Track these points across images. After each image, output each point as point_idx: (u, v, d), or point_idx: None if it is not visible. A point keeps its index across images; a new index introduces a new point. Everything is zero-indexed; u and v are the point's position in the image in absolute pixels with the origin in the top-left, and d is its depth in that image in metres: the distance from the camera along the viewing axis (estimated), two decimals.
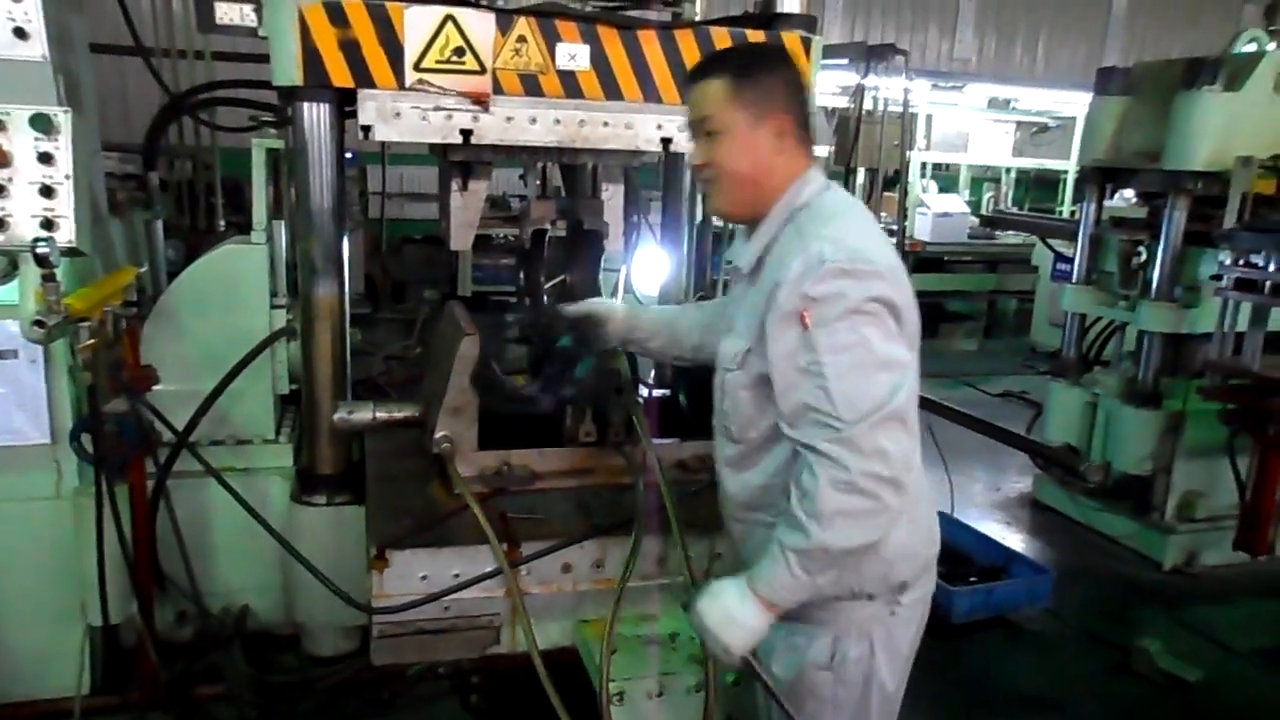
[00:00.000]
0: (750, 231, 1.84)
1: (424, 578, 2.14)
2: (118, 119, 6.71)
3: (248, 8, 2.59)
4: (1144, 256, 4.73)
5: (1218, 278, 4.07)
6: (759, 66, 1.76)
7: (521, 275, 3.08)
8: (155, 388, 2.77)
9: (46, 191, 2.28)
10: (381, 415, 2.62)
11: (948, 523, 2.49)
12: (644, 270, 4.36)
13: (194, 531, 3.06)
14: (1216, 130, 4.25)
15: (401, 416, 2.63)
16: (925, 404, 3.93)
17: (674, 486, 2.25)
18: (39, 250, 2.14)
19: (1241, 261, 3.96)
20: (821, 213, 1.73)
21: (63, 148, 2.30)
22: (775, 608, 1.65)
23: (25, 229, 2.28)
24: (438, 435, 2.39)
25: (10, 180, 2.27)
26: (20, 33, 2.40)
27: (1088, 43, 12.99)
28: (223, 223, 5.22)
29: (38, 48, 2.43)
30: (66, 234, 2.32)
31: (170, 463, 2.87)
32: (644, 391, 2.98)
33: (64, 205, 2.31)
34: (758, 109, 1.72)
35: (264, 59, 2.59)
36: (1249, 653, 3.83)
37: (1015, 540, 4.82)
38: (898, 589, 1.80)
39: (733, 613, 1.65)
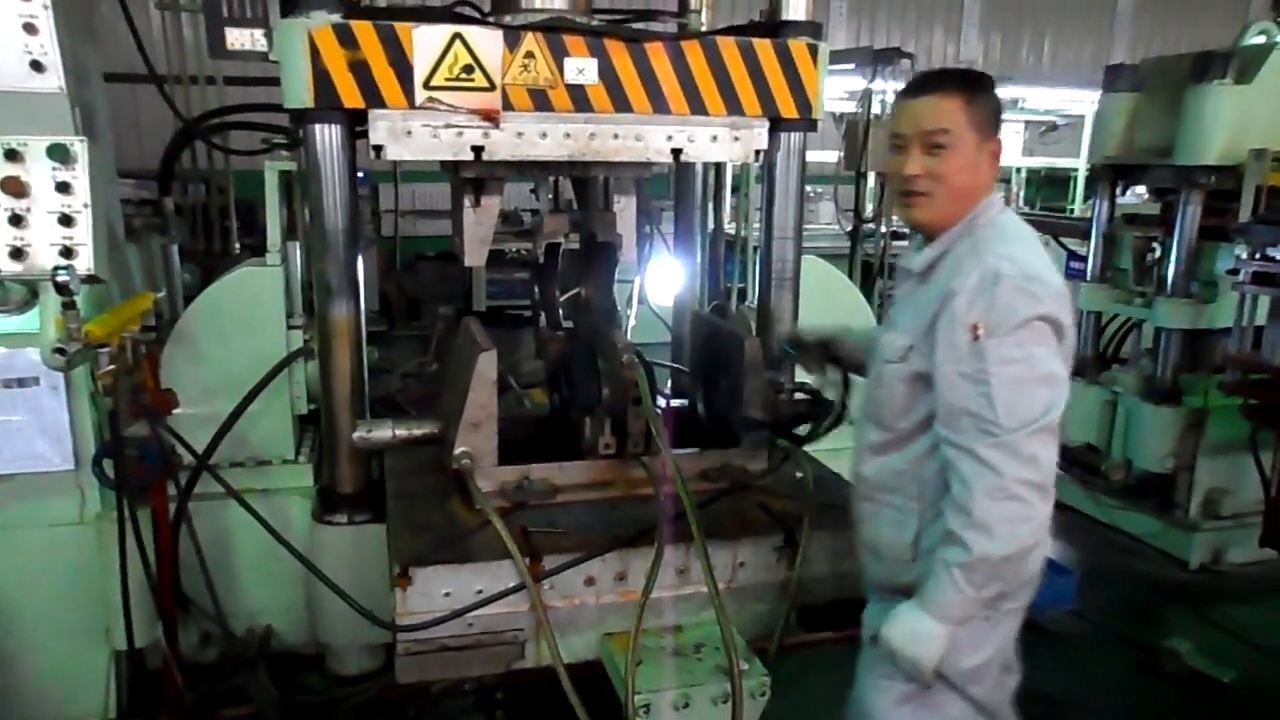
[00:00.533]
0: (924, 240, 1.99)
1: (447, 594, 2.14)
2: (132, 145, 6.77)
3: (258, 33, 2.62)
4: (1158, 253, 4.70)
5: (1234, 272, 4.03)
6: (985, 90, 1.90)
7: (536, 289, 3.09)
8: (175, 411, 2.79)
9: (65, 220, 2.31)
10: (401, 433, 2.63)
11: None
12: (658, 281, 4.37)
13: (216, 553, 3.07)
14: (1228, 124, 4.22)
15: (420, 433, 2.64)
16: None
17: (695, 496, 2.25)
18: (59, 279, 2.17)
19: (1258, 255, 3.92)
20: (1001, 232, 1.88)
21: (80, 177, 2.33)
22: (948, 621, 1.79)
23: (45, 258, 2.31)
24: (457, 451, 2.39)
25: (29, 210, 2.30)
26: (37, 65, 2.44)
27: (1094, 40, 12.96)
28: (238, 246, 5.27)
29: (54, 80, 2.47)
30: (85, 262, 2.34)
31: (191, 485, 2.89)
32: (662, 402, 2.98)
33: (83, 233, 2.33)
34: (986, 130, 1.89)
35: (275, 82, 2.61)
36: None
37: None
38: (1000, 595, 1.84)
39: (915, 630, 1.81)
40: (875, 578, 2.10)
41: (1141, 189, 6.07)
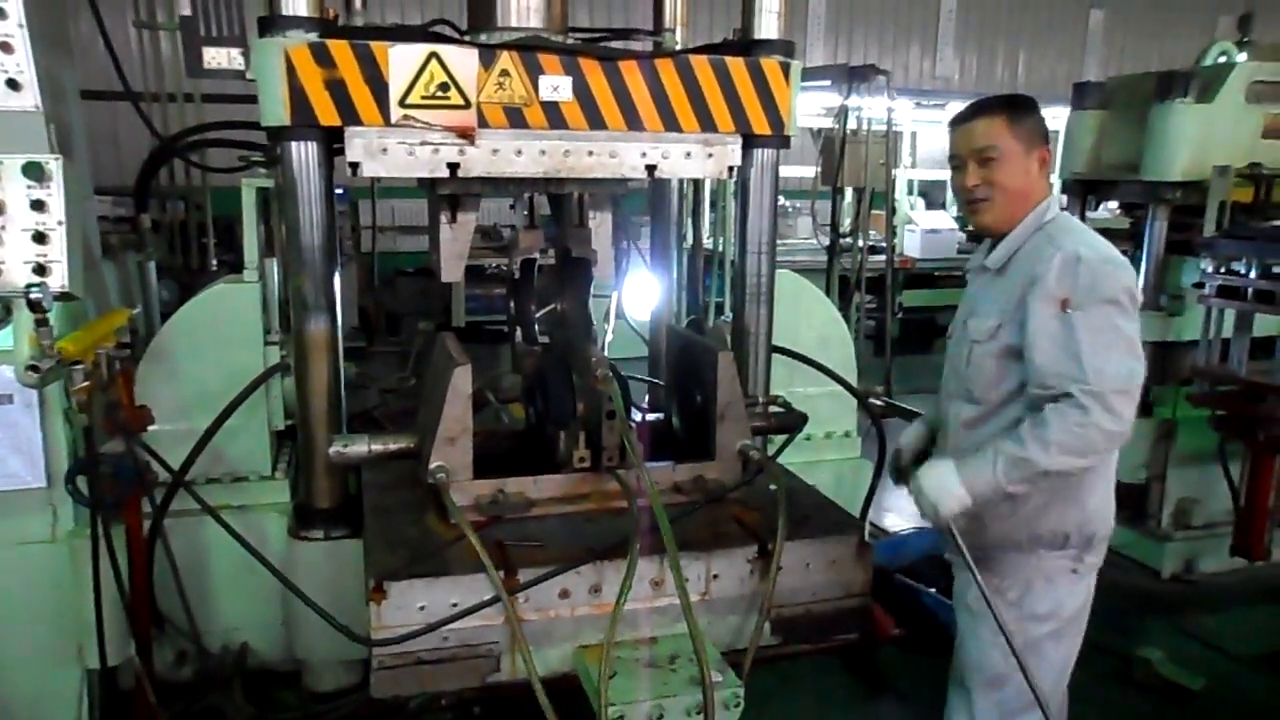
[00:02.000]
0: (995, 241, 2.31)
1: (422, 608, 2.15)
2: (110, 162, 6.76)
3: (235, 51, 2.64)
4: None
5: (1200, 285, 4.11)
6: (1025, 108, 2.26)
7: (512, 304, 3.12)
8: (151, 428, 2.79)
9: (39, 238, 2.32)
10: (376, 448, 2.63)
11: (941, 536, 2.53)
12: (634, 296, 4.40)
13: (192, 571, 3.06)
14: (1192, 141, 4.32)
15: (396, 448, 2.64)
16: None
17: (668, 509, 2.27)
18: (32, 296, 2.17)
19: (1223, 269, 4.00)
20: (1069, 226, 2.22)
21: (55, 194, 2.33)
22: (970, 490, 2.10)
23: (18, 275, 2.31)
24: (433, 465, 2.41)
25: (3, 228, 2.30)
26: (13, 84, 2.45)
27: (1067, 57, 13.19)
28: (215, 262, 5.26)
29: (30, 98, 2.48)
30: (59, 279, 2.34)
31: (167, 502, 2.88)
32: (636, 415, 3.00)
33: (57, 251, 2.34)
34: (1031, 141, 2.22)
35: (251, 100, 2.63)
36: (1251, 659, 3.83)
37: None
38: (1087, 542, 2.21)
39: (945, 482, 2.13)
40: (965, 536, 2.22)
41: (1112, 204, 6.19)
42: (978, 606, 2.24)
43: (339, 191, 3.10)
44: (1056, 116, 9.29)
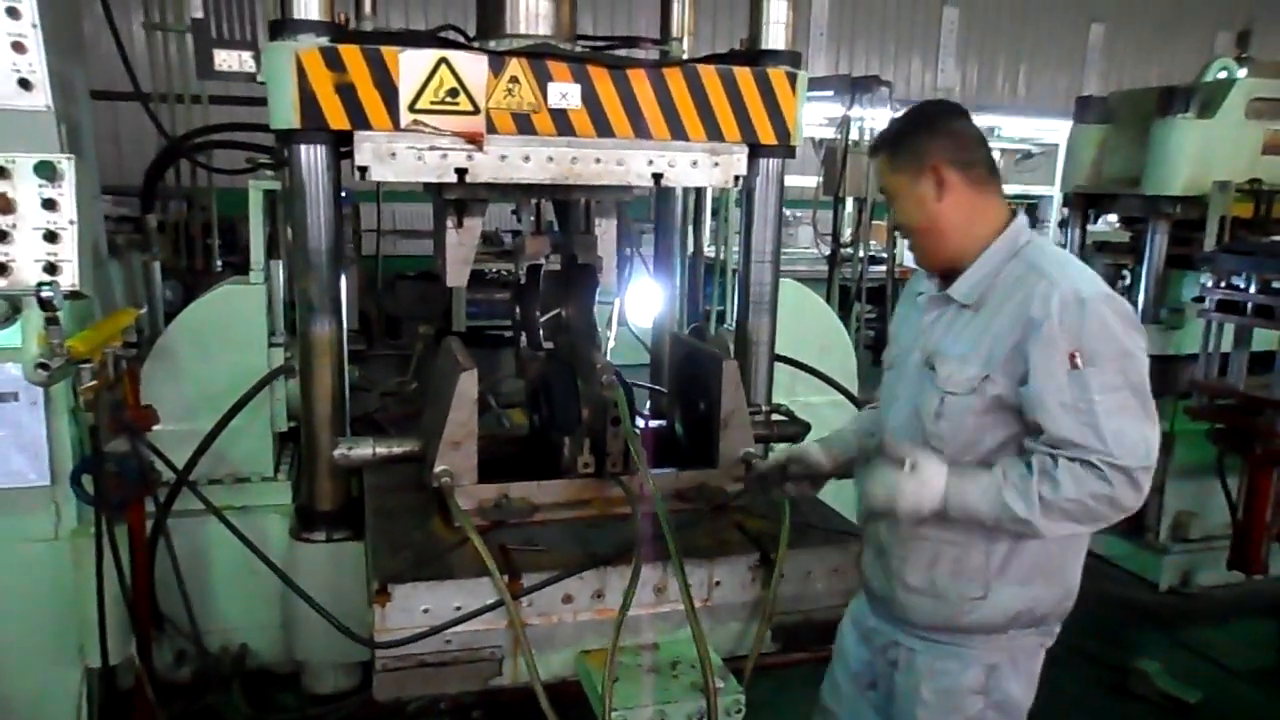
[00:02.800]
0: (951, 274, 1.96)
1: (425, 611, 2.16)
2: (111, 162, 6.76)
3: (246, 54, 2.66)
4: (1128, 280, 4.81)
5: (1200, 300, 4.14)
6: (906, 129, 1.96)
7: (517, 310, 3.13)
8: (155, 427, 2.79)
9: (50, 237, 2.33)
10: (381, 450, 2.64)
11: None
12: (638, 303, 4.41)
13: (193, 571, 3.06)
14: (1192, 156, 4.35)
15: (401, 452, 2.65)
16: None
17: (672, 515, 2.28)
18: (43, 294, 2.18)
19: (1223, 283, 4.03)
20: (1052, 254, 1.89)
21: (66, 194, 2.34)
22: (943, 508, 1.82)
23: (29, 274, 2.32)
24: (437, 469, 2.42)
25: (14, 226, 2.31)
26: (25, 84, 2.47)
27: (1068, 70, 13.23)
28: (219, 263, 5.26)
29: (41, 98, 2.50)
30: (69, 278, 2.36)
31: (170, 502, 2.88)
32: (640, 423, 3.01)
33: (67, 250, 2.35)
34: (913, 168, 1.91)
35: (260, 102, 2.64)
36: (1247, 673, 3.85)
37: None
38: (1061, 617, 1.97)
39: (922, 490, 1.82)
40: (929, 619, 1.98)
41: (1113, 217, 6.23)
42: (935, 699, 1.96)
43: (343, 195, 3.11)
44: (1055, 129, 9.40)
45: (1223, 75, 4.76)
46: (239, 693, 3.01)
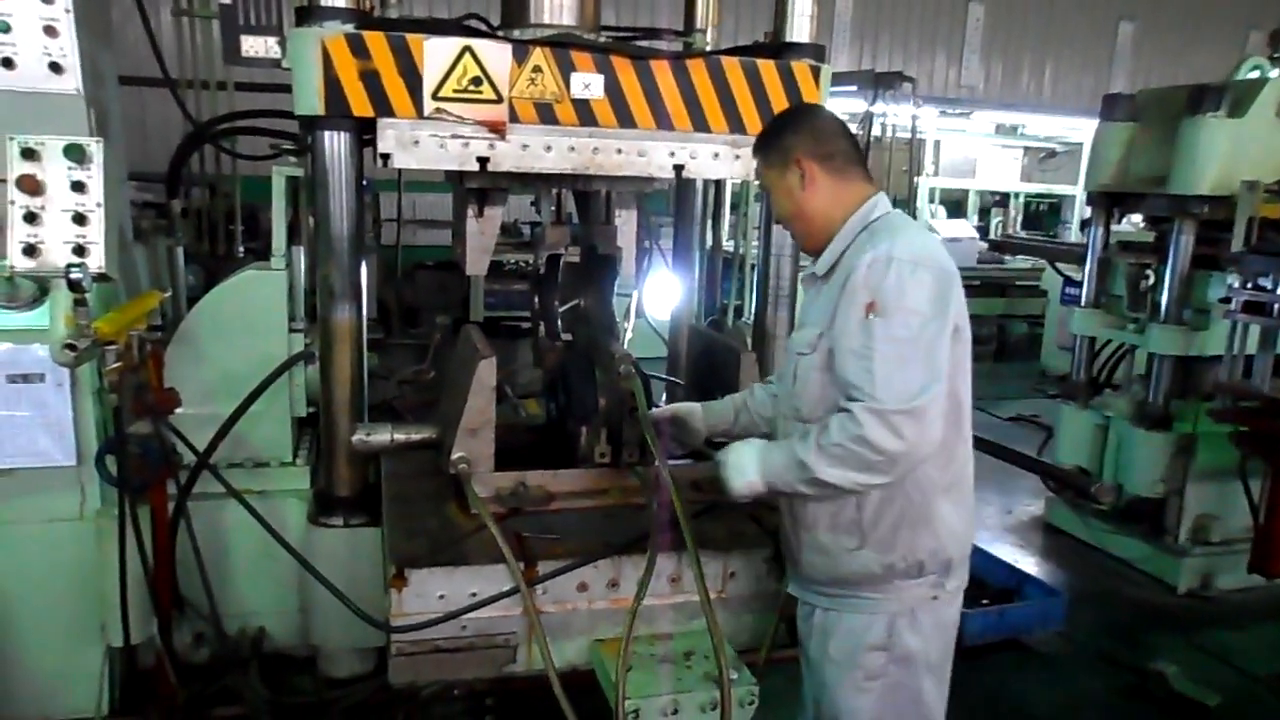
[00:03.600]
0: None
1: (441, 597, 2.17)
2: (138, 149, 6.83)
3: (272, 40, 2.67)
4: (1152, 280, 4.76)
5: (1226, 300, 4.09)
6: (772, 130, 2.16)
7: (535, 299, 3.14)
8: (176, 410, 2.82)
9: (79, 219, 2.35)
10: (399, 437, 2.66)
11: None
12: (656, 295, 4.41)
13: (211, 553, 3.07)
14: (1221, 155, 4.29)
15: (419, 438, 2.67)
16: None
17: (687, 506, 2.28)
18: (72, 276, 2.20)
19: (1249, 284, 3.98)
20: (893, 224, 2.04)
21: (94, 177, 2.37)
22: (762, 476, 2.00)
23: (57, 255, 2.35)
24: (455, 456, 2.43)
25: (43, 208, 2.34)
26: (56, 67, 2.50)
27: (1094, 69, 13.09)
28: (241, 249, 5.31)
29: (72, 81, 2.52)
30: (97, 260, 2.38)
31: (191, 484, 2.91)
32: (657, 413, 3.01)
33: (95, 232, 2.37)
34: (781, 163, 2.10)
35: (284, 89, 2.65)
36: (1267, 677, 3.81)
37: (1027, 563, 4.81)
38: (945, 567, 2.04)
39: (743, 463, 2.03)
40: (821, 573, 2.11)
41: (1137, 217, 6.16)
42: (841, 656, 2.07)
43: (363, 183, 3.13)
44: (1081, 128, 9.32)
45: (1254, 74, 4.70)
46: (256, 675, 3.04)
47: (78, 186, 2.34)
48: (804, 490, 1.95)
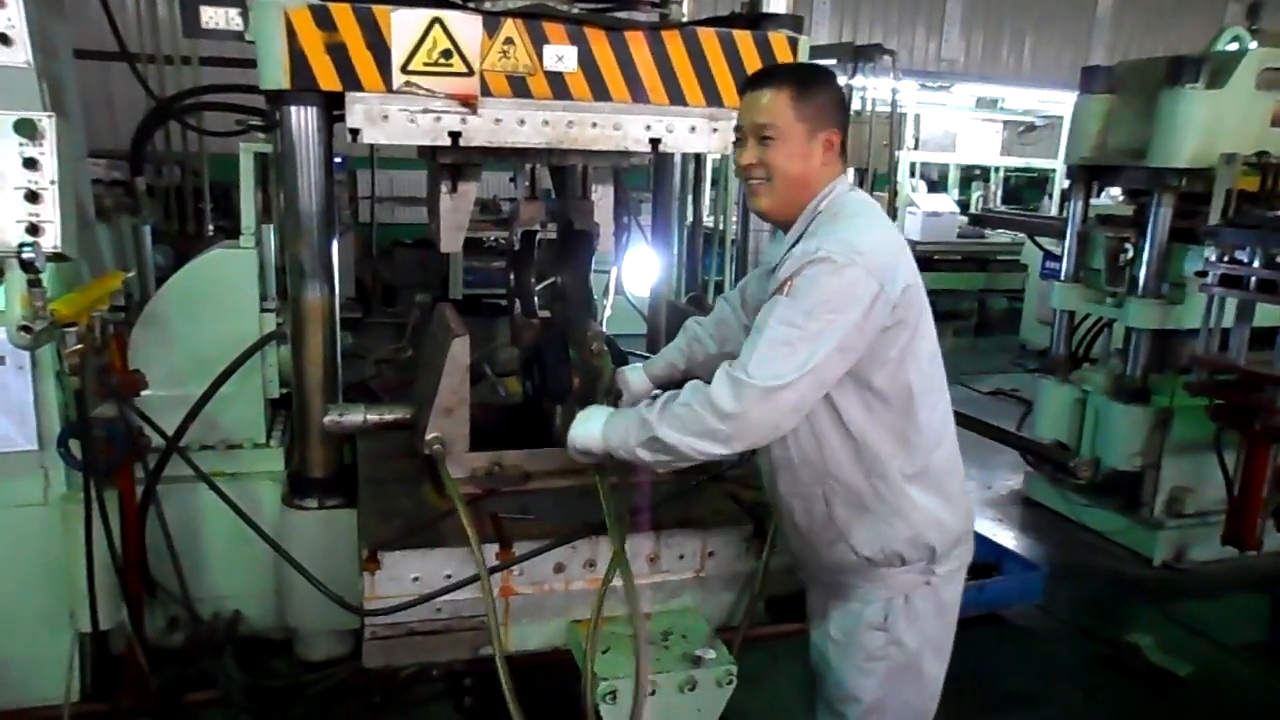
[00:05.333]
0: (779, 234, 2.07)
1: (416, 579, 2.15)
2: (105, 126, 6.67)
3: (233, 11, 2.59)
4: (1131, 254, 4.76)
5: (1203, 274, 4.09)
6: (817, 84, 1.94)
7: (511, 277, 3.09)
8: (144, 393, 2.76)
9: (32, 197, 2.29)
10: (373, 417, 2.61)
11: None
12: (635, 271, 4.37)
13: (184, 537, 3.05)
14: (1200, 128, 4.28)
15: (393, 419, 2.63)
16: None
17: (666, 485, 2.26)
18: (24, 255, 2.14)
19: (1226, 258, 3.98)
20: (839, 212, 1.92)
21: (48, 153, 2.29)
22: (604, 438, 2.01)
23: (10, 234, 2.28)
24: (429, 436, 2.39)
25: None
26: (4, 39, 2.41)
27: (1074, 42, 13.07)
28: (211, 228, 5.21)
29: (21, 54, 2.44)
30: (52, 239, 2.32)
31: (160, 468, 2.86)
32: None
33: (49, 210, 2.30)
34: (817, 122, 1.91)
35: (251, 63, 2.58)
36: (1238, 647, 3.86)
37: (1006, 537, 4.84)
38: (929, 555, 1.98)
39: (588, 424, 2.06)
40: (810, 561, 2.13)
41: (1116, 190, 6.16)
42: (843, 637, 2.06)
43: (338, 161, 3.06)
44: (1061, 102, 9.31)
45: (1234, 46, 4.68)
46: (231, 659, 3.01)
47: (30, 163, 2.27)
48: (643, 455, 1.91)
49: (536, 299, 3.03)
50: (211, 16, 2.56)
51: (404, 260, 8.43)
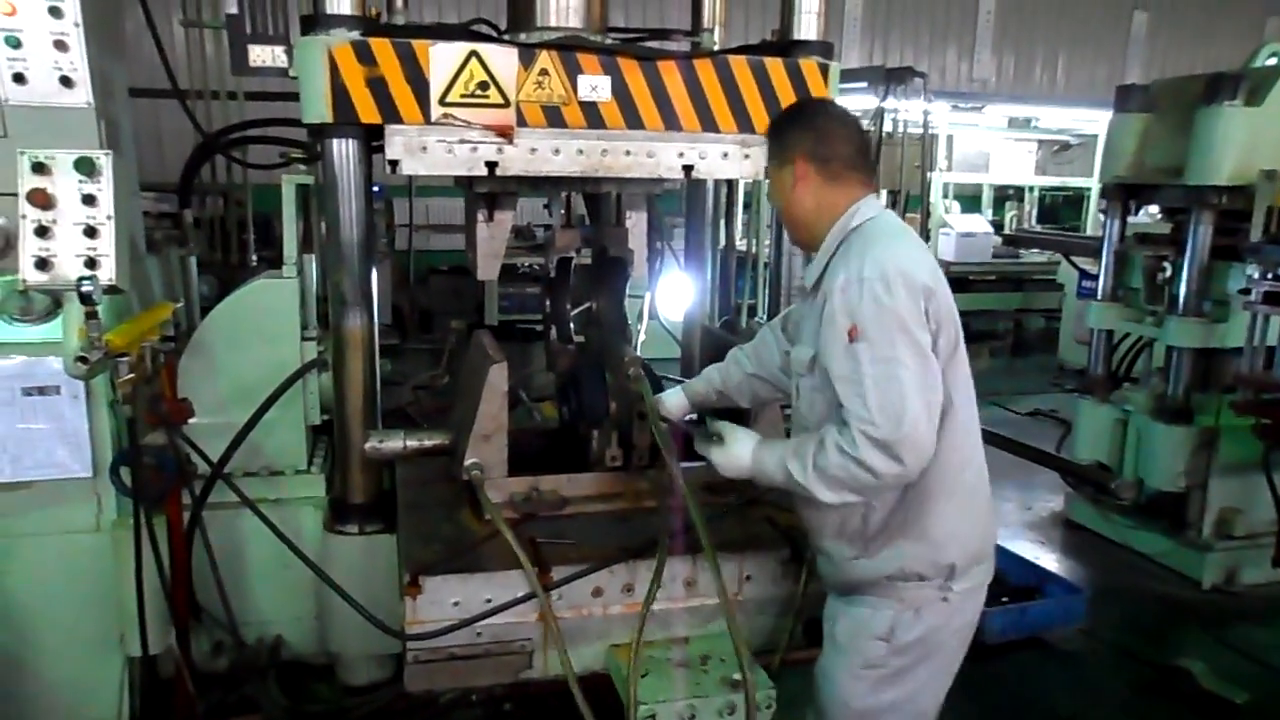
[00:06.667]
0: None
1: (456, 604, 2.17)
2: (153, 159, 6.88)
3: (279, 49, 2.67)
4: (1169, 272, 4.69)
5: (1246, 291, 4.03)
6: (778, 125, 2.17)
7: (547, 303, 3.13)
8: (190, 420, 2.83)
9: (90, 232, 2.37)
10: (412, 444, 2.66)
11: None
12: (668, 296, 4.40)
13: (228, 562, 3.09)
14: (1239, 145, 4.22)
15: (431, 444, 2.67)
16: None
17: (702, 508, 2.26)
18: (83, 289, 2.21)
19: (1269, 275, 3.92)
20: (869, 235, 1.99)
21: (105, 189, 2.38)
22: (754, 469, 2.08)
23: (69, 268, 2.36)
24: (468, 462, 2.42)
25: (55, 222, 2.35)
26: (67, 81, 2.52)
27: (1108, 60, 12.96)
28: (254, 258, 5.33)
29: (82, 95, 2.54)
30: (108, 272, 2.39)
31: (206, 494, 2.92)
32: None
33: (106, 245, 2.38)
34: (780, 156, 2.11)
35: (294, 97, 2.66)
36: None
37: (1048, 559, 4.75)
38: (947, 573, 2.00)
39: (737, 455, 2.11)
40: (829, 577, 2.18)
41: (1153, 208, 6.08)
42: (845, 640, 2.09)
43: (375, 190, 3.12)
44: (1094, 120, 9.23)
45: (1272, 61, 4.62)
46: (274, 684, 3.05)
47: (88, 199, 2.35)
48: (787, 486, 2.00)
49: (572, 325, 3.07)
50: (259, 55, 2.65)
51: (439, 287, 8.55)
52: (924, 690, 2.09)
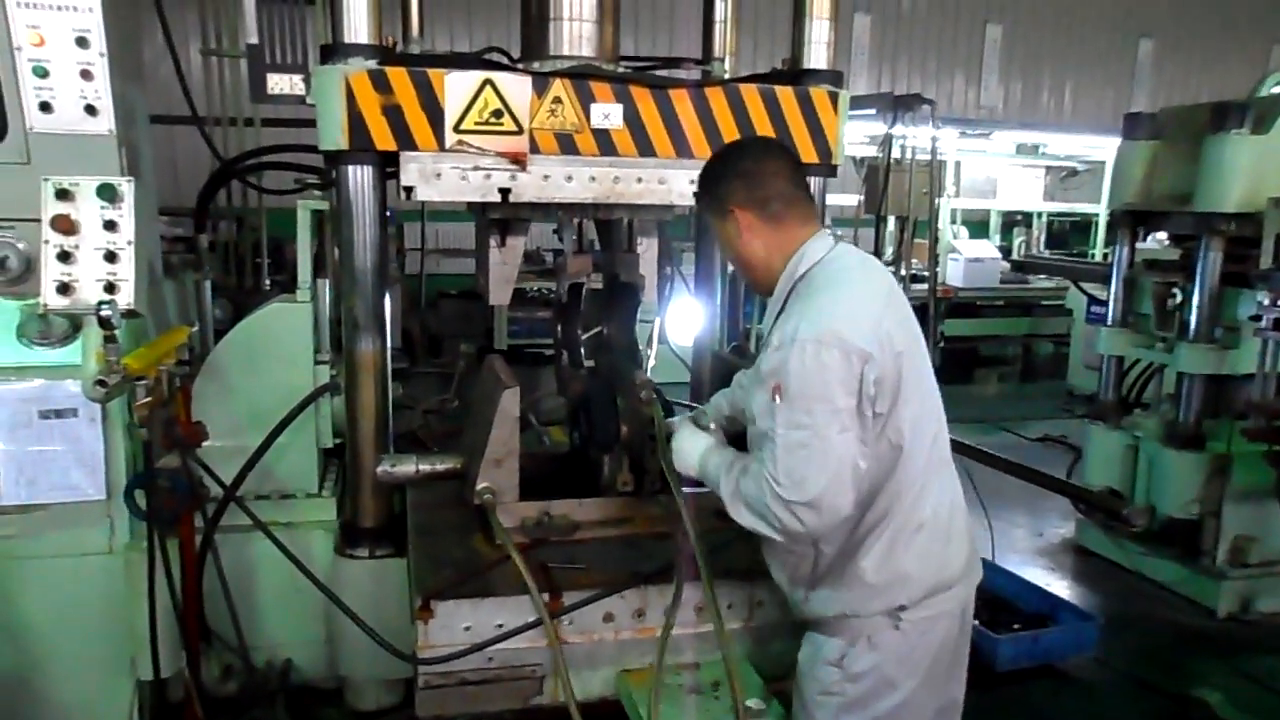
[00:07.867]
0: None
1: (467, 628, 2.17)
2: (168, 183, 6.96)
3: (297, 78, 2.72)
4: (1179, 298, 4.69)
5: (1256, 318, 4.02)
6: (705, 178, 2.11)
7: (558, 327, 3.15)
8: (204, 444, 2.84)
9: (110, 257, 2.40)
10: (424, 468, 2.67)
11: (989, 569, 2.49)
12: (678, 321, 4.41)
13: (239, 586, 3.09)
14: (1247, 172, 4.24)
15: (443, 469, 2.68)
16: (963, 449, 3.90)
17: (709, 535, 2.26)
18: (103, 313, 2.24)
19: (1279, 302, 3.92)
20: (815, 285, 1.97)
21: (126, 215, 2.42)
22: (700, 471, 2.13)
23: (90, 293, 2.39)
24: (480, 486, 2.43)
25: (77, 247, 2.39)
26: (91, 110, 2.56)
27: (1115, 87, 13.03)
28: (268, 282, 5.37)
29: (105, 123, 2.59)
30: (127, 297, 2.42)
31: (218, 517, 2.93)
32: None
33: (125, 270, 2.42)
34: (717, 209, 2.07)
35: (309, 123, 2.70)
36: None
37: (1060, 587, 4.71)
38: (895, 609, 1.97)
39: (687, 452, 2.18)
40: (802, 614, 2.14)
41: (1162, 235, 6.09)
42: (805, 668, 2.08)
43: (388, 214, 3.15)
44: (1101, 147, 9.27)
45: (1277, 90, 4.65)
46: (283, 708, 3.04)
47: (109, 225, 2.39)
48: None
49: (583, 349, 3.09)
50: (277, 83, 2.70)
51: (449, 311, 8.59)
52: (900, 718, 2.03)
